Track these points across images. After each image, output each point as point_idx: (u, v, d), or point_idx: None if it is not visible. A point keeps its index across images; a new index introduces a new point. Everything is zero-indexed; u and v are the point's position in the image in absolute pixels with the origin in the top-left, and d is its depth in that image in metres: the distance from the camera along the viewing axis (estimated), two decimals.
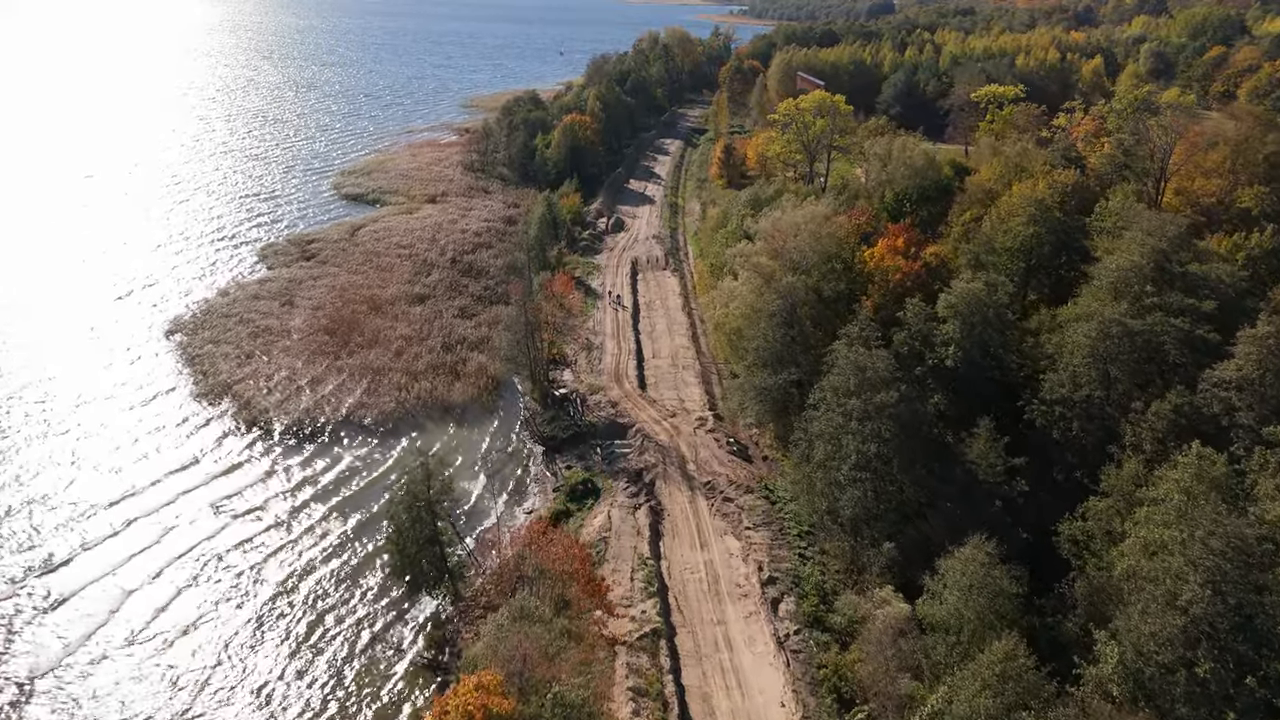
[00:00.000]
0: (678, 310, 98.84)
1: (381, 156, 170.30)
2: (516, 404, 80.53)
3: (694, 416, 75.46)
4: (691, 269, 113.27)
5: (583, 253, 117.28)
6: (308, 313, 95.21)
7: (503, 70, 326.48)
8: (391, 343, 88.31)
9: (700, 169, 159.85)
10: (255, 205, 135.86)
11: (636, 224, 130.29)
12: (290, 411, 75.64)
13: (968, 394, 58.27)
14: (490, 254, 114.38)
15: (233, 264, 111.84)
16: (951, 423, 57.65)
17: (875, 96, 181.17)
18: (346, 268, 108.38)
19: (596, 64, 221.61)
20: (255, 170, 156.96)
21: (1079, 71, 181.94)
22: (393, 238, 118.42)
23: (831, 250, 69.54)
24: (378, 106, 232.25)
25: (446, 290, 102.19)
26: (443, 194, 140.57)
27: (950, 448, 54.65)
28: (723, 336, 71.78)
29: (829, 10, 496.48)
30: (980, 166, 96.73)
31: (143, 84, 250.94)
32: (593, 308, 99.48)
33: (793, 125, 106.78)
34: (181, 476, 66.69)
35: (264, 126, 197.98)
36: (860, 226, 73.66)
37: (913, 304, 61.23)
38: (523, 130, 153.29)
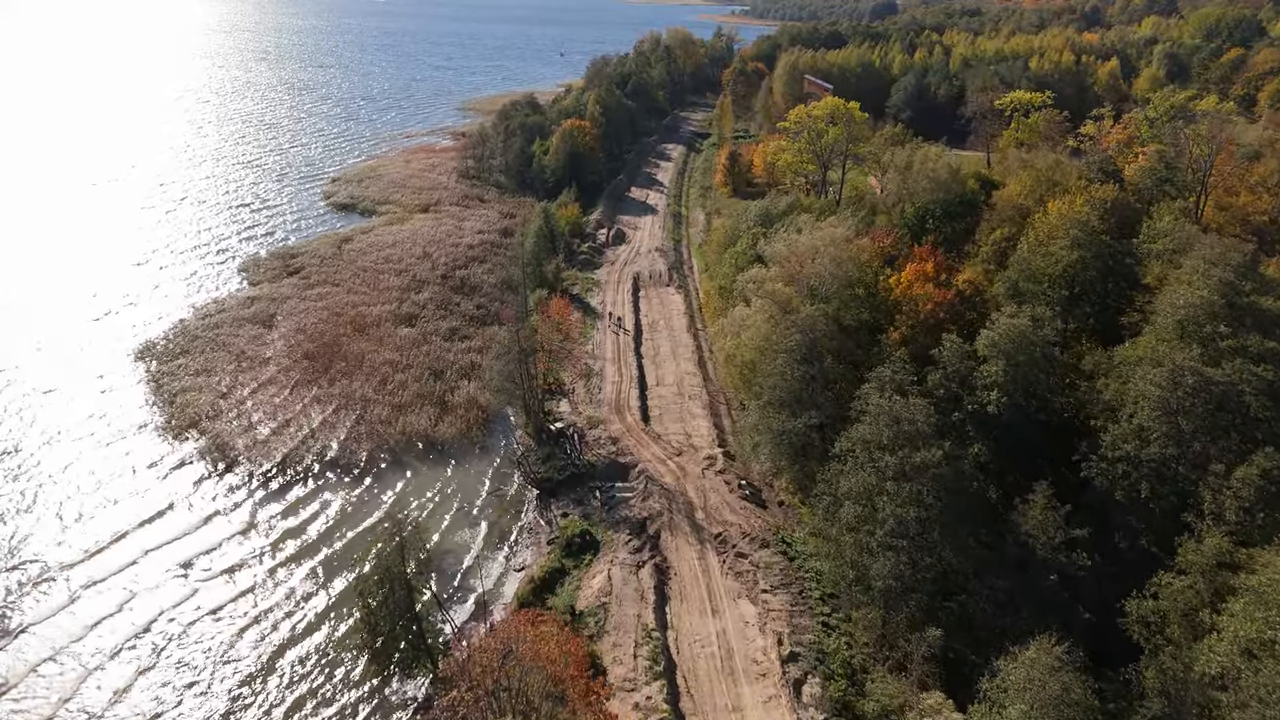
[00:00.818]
0: (682, 331, 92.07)
1: (375, 163, 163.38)
2: (508, 439, 73.73)
3: (702, 454, 68.69)
4: (696, 284, 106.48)
5: (582, 267, 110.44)
6: (288, 335, 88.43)
7: (502, 72, 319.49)
8: (376, 369, 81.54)
9: (704, 176, 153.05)
10: (243, 215, 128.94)
11: (638, 235, 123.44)
12: (264, 451, 68.76)
13: (1011, 443, 51.58)
14: (484, 269, 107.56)
15: (214, 280, 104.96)
16: (993, 475, 50.96)
17: (884, 100, 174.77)
18: (332, 284, 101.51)
19: (596, 66, 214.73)
20: (245, 178, 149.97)
21: (1094, 74, 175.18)
22: (382, 251, 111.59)
23: (853, 276, 62.78)
24: (374, 110, 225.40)
25: (436, 309, 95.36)
26: (436, 203, 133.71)
27: (998, 510, 47.93)
28: (734, 369, 65.13)
29: (832, 10, 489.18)
30: (1007, 179, 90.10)
31: (137, 87, 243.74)
32: (592, 329, 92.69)
33: (804, 133, 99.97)
34: (147, 530, 59.53)
35: (257, 131, 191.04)
36: (884, 250, 66.88)
37: (950, 341, 54.44)
38: (520, 136, 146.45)
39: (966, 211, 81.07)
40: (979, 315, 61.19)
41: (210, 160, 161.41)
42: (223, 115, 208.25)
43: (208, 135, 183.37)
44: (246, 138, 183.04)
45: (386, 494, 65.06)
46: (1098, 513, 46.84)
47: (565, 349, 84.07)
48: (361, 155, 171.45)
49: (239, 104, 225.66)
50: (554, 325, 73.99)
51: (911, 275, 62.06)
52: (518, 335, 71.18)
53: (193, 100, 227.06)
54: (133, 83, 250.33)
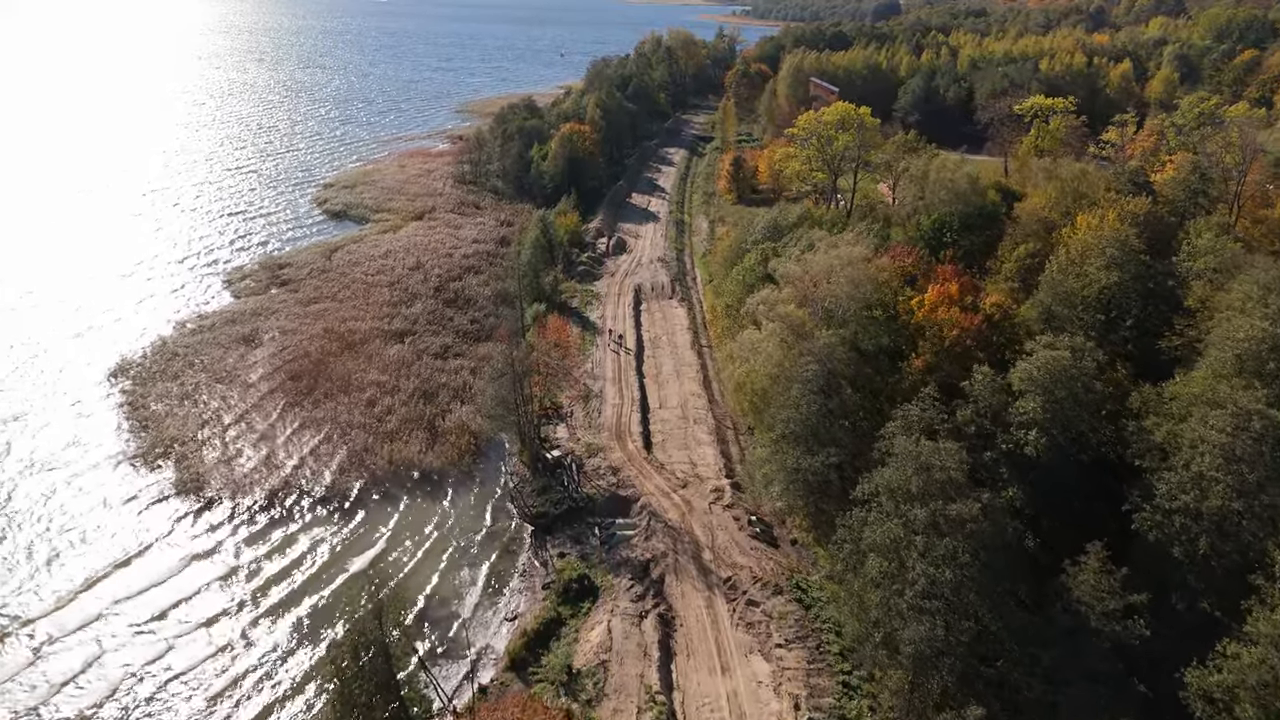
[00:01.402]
0: (686, 348, 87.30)
1: (369, 167, 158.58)
2: (502, 468, 68.95)
3: (708, 486, 63.93)
4: (700, 296, 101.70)
5: (581, 279, 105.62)
6: (271, 353, 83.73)
7: (502, 73, 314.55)
8: (364, 390, 76.80)
9: (707, 181, 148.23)
10: (232, 224, 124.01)
11: (639, 244, 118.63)
12: (243, 486, 63.95)
13: (1049, 487, 46.85)
14: (479, 280, 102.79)
15: (199, 292, 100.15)
16: (1028, 521, 46.19)
17: (891, 103, 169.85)
18: (320, 298, 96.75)
19: (597, 68, 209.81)
20: (237, 184, 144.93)
21: (1106, 76, 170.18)
22: (373, 262, 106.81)
23: (871, 297, 58.03)
24: (371, 112, 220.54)
25: (428, 324, 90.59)
26: (430, 210, 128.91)
27: (1038, 563, 43.19)
28: (743, 397, 60.40)
29: (834, 10, 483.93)
30: (1027, 188, 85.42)
31: (133, 89, 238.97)
32: (591, 345, 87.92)
33: (813, 140, 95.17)
34: (120, 576, 54.73)
35: (250, 134, 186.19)
36: (905, 269, 62.11)
37: (981, 373, 49.67)
38: (517, 140, 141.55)
39: (987, 224, 76.45)
40: (1008, 341, 56.50)
41: (203, 165, 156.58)
42: (218, 118, 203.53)
43: (202, 139, 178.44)
44: (241, 141, 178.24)
45: (373, 533, 60.26)
46: (1150, 567, 42.11)
47: (563, 369, 79.36)
48: (357, 159, 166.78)
49: (234, 106, 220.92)
50: (551, 347, 69.16)
51: (935, 297, 57.29)
52: (512, 358, 66.41)
53: (188, 102, 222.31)
54: (129, 85, 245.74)
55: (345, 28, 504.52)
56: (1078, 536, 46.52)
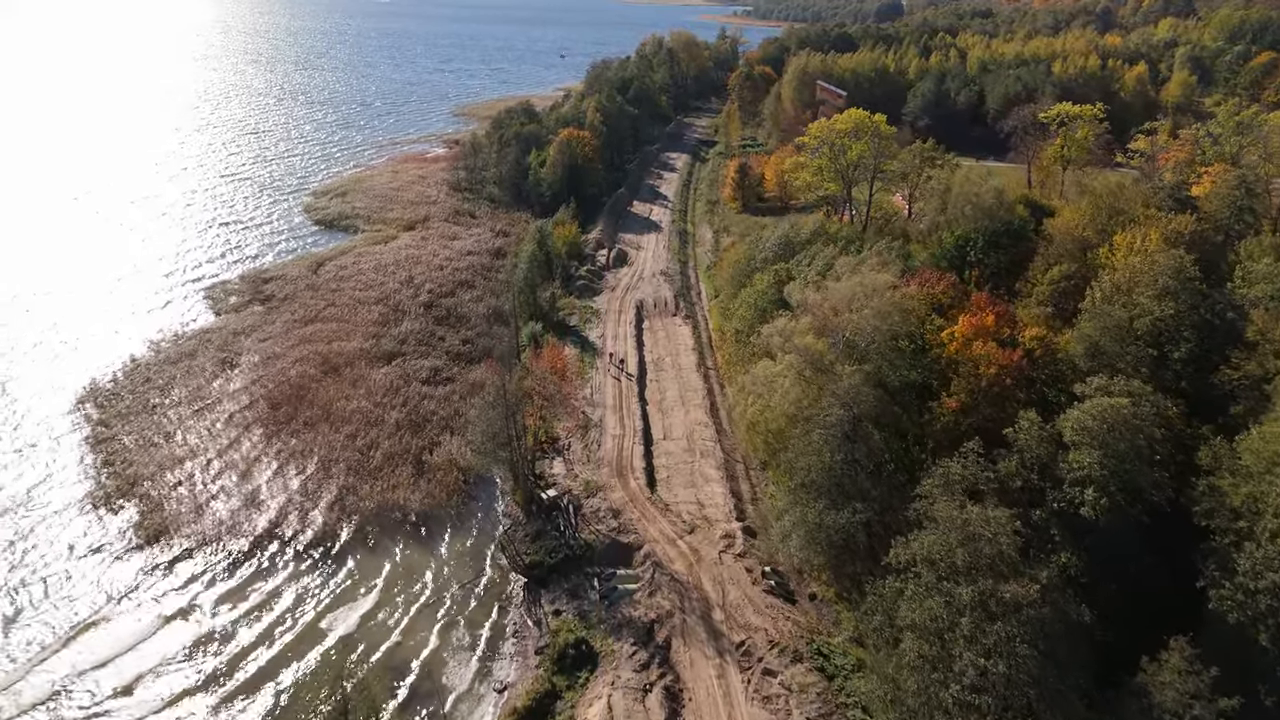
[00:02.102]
0: (691, 370, 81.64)
1: (362, 173, 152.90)
2: (493, 508, 63.34)
3: (718, 531, 58.27)
4: (705, 313, 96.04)
5: (580, 294, 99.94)
6: (250, 378, 78.17)
7: (501, 75, 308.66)
8: (347, 420, 71.18)
9: (711, 188, 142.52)
10: (219, 234, 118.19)
11: (641, 256, 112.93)
12: (214, 531, 58.30)
13: (1108, 553, 41.22)
14: (472, 296, 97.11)
15: (177, 309, 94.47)
16: (1083, 590, 40.57)
17: (900, 106, 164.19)
18: (304, 315, 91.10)
19: (597, 70, 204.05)
20: (226, 191, 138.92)
21: (1121, 79, 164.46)
22: (361, 276, 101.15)
23: (899, 328, 52.38)
24: (367, 115, 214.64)
25: (417, 345, 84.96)
26: (423, 219, 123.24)
27: (1101, 642, 37.57)
28: (757, 437, 54.80)
29: (836, 11, 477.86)
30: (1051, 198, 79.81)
31: (127, 92, 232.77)
32: (590, 368, 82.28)
33: (824, 149, 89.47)
34: (80, 644, 48.87)
35: (242, 138, 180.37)
36: (934, 296, 56.45)
37: (1027, 420, 44.04)
38: (514, 146, 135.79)
39: (1014, 242, 70.87)
40: (1051, 378, 50.86)
41: (194, 171, 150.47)
42: (211, 121, 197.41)
43: (194, 144, 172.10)
44: (233, 146, 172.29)
45: (357, 588, 54.53)
46: (1230, 653, 36.48)
47: (560, 396, 73.69)
48: (350, 164, 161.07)
49: (228, 109, 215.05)
50: (547, 375, 63.50)
51: (968, 329, 51.63)
52: (504, 389, 60.77)
53: (182, 105, 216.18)
54: (123, 87, 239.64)
55: (344, 28, 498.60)
56: (1139, 607, 41.05)
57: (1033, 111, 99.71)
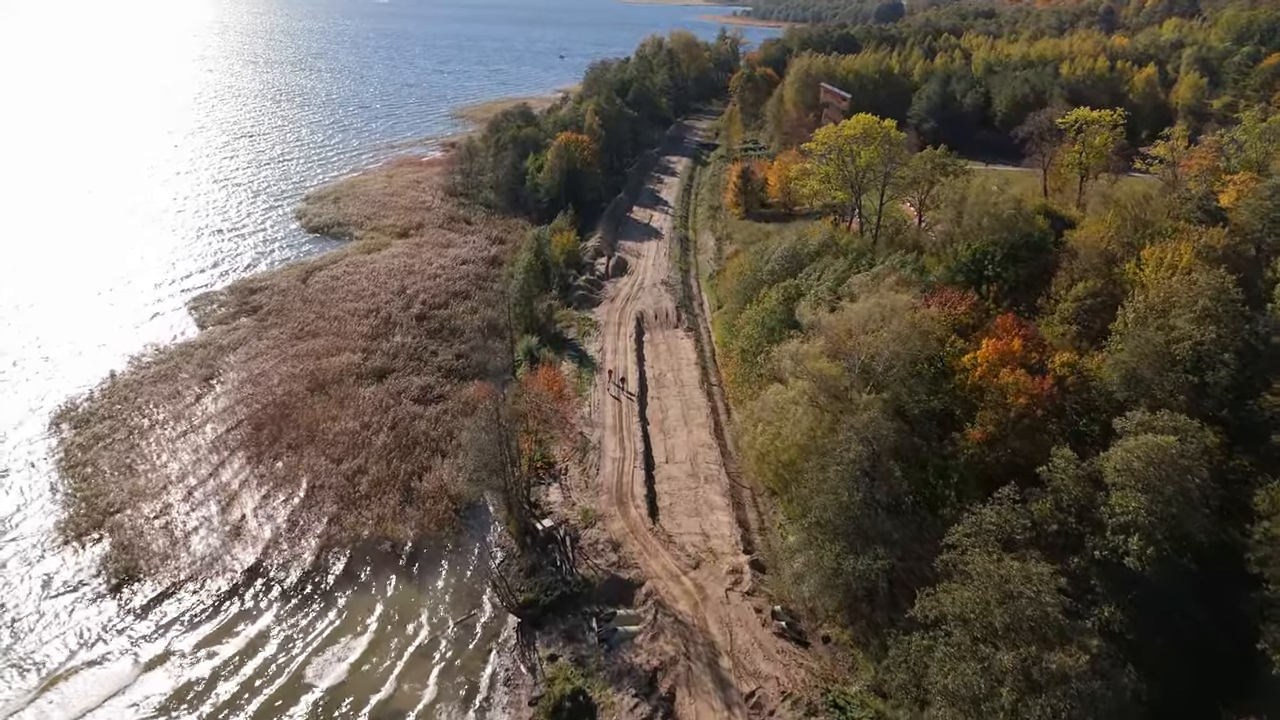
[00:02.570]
0: (694, 387, 77.94)
1: (356, 177, 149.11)
2: (486, 538, 59.60)
3: (724, 566, 54.55)
4: (708, 324, 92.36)
5: (578, 304, 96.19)
6: (232, 396, 74.50)
7: (500, 76, 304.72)
8: (333, 442, 67.46)
9: (712, 193, 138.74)
10: (208, 242, 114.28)
11: (641, 265, 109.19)
12: (193, 567, 54.48)
13: (1155, 607, 37.57)
14: (467, 307, 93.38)
15: (162, 321, 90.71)
16: (1128, 648, 36.93)
17: (905, 109, 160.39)
18: (291, 328, 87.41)
19: (596, 72, 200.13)
20: (218, 197, 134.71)
21: (1130, 81, 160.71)
22: (352, 285, 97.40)
23: (919, 352, 48.68)
24: (363, 118, 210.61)
25: (409, 360, 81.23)
26: (417, 226, 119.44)
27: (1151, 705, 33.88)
28: (766, 468, 51.11)
29: (836, 11, 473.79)
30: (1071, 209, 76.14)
31: (121, 94, 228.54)
32: (589, 384, 78.58)
33: (832, 156, 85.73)
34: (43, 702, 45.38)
35: (237, 142, 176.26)
36: (956, 318, 52.74)
37: (1062, 458, 40.36)
38: (511, 151, 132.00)
39: (1034, 255, 67.21)
40: (1083, 405, 47.20)
41: (186, 176, 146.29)
42: (205, 124, 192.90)
43: (187, 148, 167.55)
44: (227, 150, 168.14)
45: (343, 633, 50.81)
46: None
47: (556, 416, 69.91)
48: (345, 168, 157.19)
49: (223, 111, 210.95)
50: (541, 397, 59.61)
51: (993, 354, 47.93)
52: (497, 414, 57.06)
53: (176, 108, 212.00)
54: (118, 90, 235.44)
55: (342, 29, 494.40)
56: (1188, 664, 37.41)
57: (1049, 117, 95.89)
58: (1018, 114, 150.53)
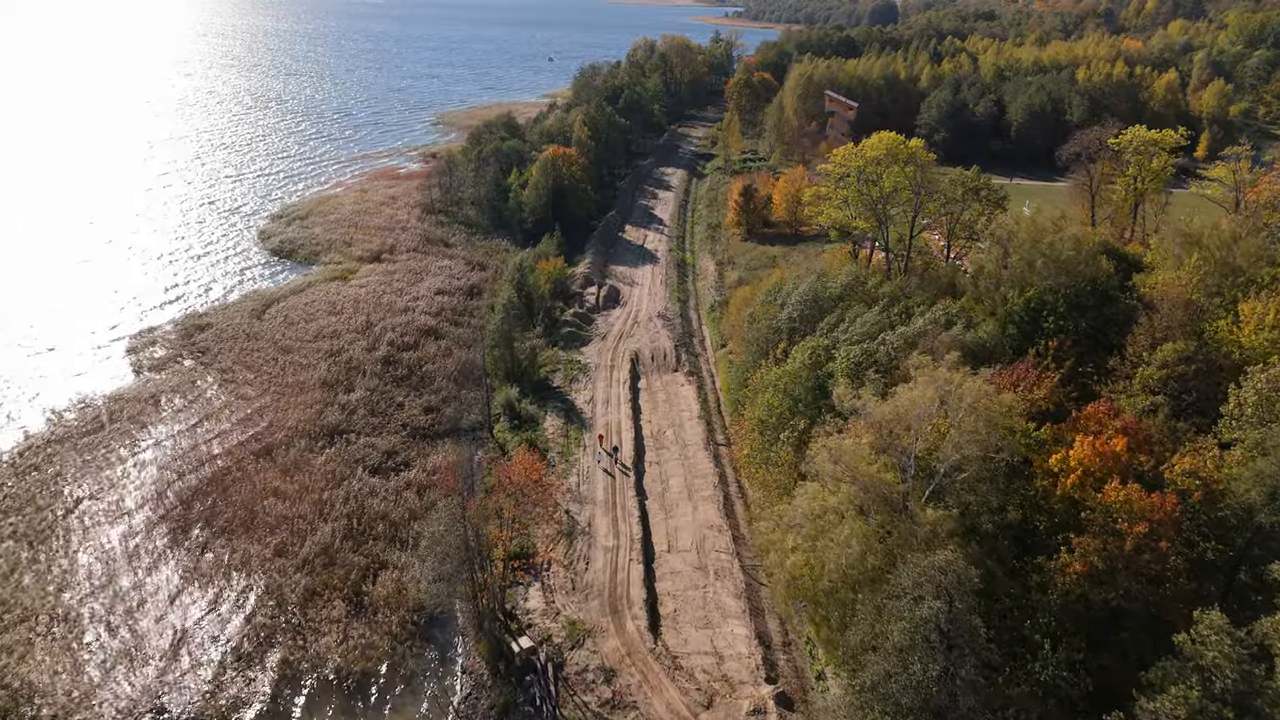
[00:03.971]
0: (698, 447, 67.06)
1: (328, 192, 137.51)
2: (451, 659, 48.51)
3: (744, 704, 43.53)
4: (711, 367, 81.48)
5: (566, 343, 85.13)
6: (161, 462, 63.25)
7: (488, 80, 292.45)
8: (275, 526, 56.28)
9: (710, 210, 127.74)
10: (160, 270, 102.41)
11: (635, 294, 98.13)
12: (80, 701, 43.54)
13: None
14: (440, 348, 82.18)
15: (93, 365, 79.13)
16: None
17: (913, 117, 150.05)
18: (238, 374, 76.15)
19: (585, 77, 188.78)
20: (179, 216, 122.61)
21: (1150, 88, 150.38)
22: (311, 322, 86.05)
23: (991, 448, 37.75)
24: (344, 125, 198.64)
25: (369, 416, 69.97)
26: (391, 250, 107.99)
27: None
28: (801, 596, 40.05)
29: (829, 12, 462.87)
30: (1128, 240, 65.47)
31: (94, 100, 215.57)
32: (576, 445, 67.56)
33: (851, 179, 74.73)
34: None
35: (209, 153, 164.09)
36: (1035, 402, 41.87)
37: (1209, 624, 29.56)
38: (493, 165, 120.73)
39: (1100, 304, 56.46)
40: (1212, 527, 36.37)
41: (152, 191, 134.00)
42: (176, 134, 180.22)
43: (154, 160, 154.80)
44: (196, 163, 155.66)
45: None
46: None
47: (537, 491, 58.75)
48: (319, 181, 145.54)
49: (197, 119, 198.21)
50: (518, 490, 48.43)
51: (1089, 457, 37.07)
52: (463, 509, 46.00)
53: (149, 115, 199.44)
54: (91, 96, 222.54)
55: (325, 30, 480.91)
56: None
57: (1099, 136, 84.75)
58: (1035, 124, 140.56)
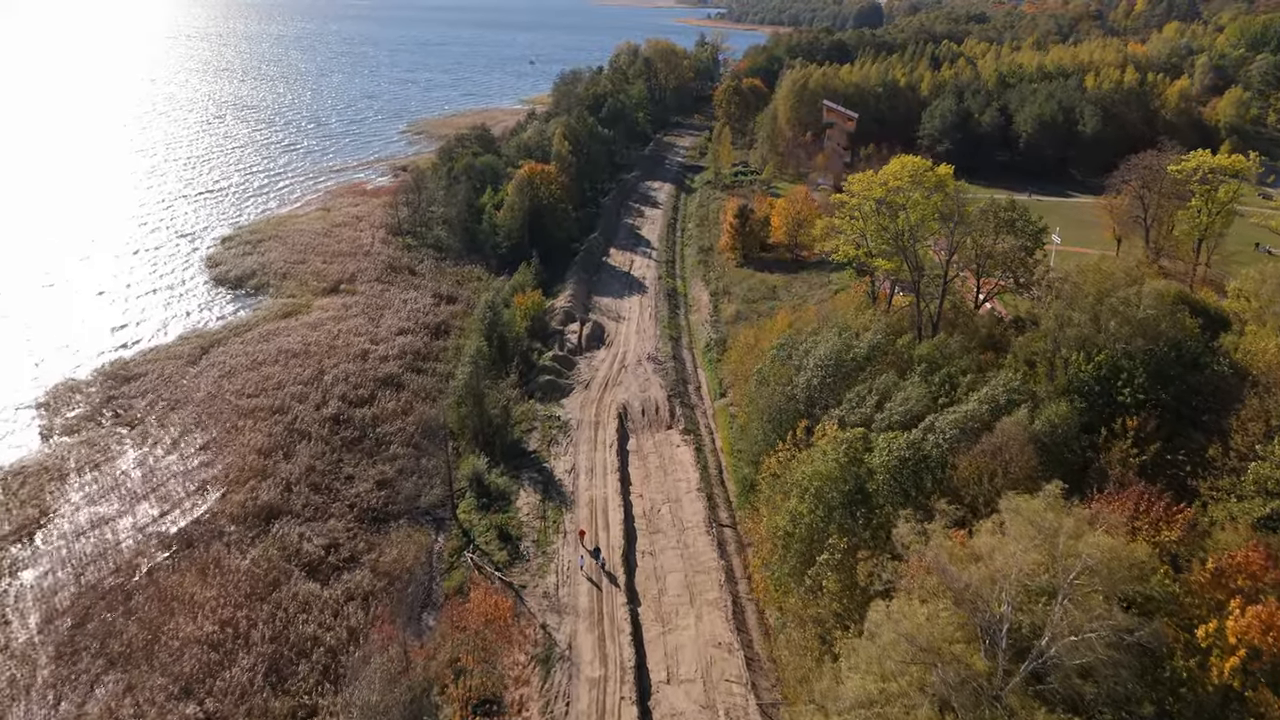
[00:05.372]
0: (699, 530, 56.06)
1: (289, 211, 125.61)
2: None
3: None
4: (710, 420, 70.70)
5: (544, 394, 74.01)
6: (55, 558, 51.85)
7: (467, 85, 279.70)
8: (178, 656, 44.97)
9: (701, 230, 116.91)
10: (91, 307, 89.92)
11: (622, 331, 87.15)
12: None
13: None
14: (399, 402, 70.89)
15: None
16: None
17: (914, 127, 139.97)
18: (163, 438, 64.67)
19: (565, 84, 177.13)
20: (128, 243, 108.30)
21: (1162, 95, 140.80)
22: (254, 370, 74.49)
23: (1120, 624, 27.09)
24: (312, 136, 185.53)
25: (312, 494, 58.56)
26: (350, 278, 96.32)
27: None
28: None
29: (813, 14, 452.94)
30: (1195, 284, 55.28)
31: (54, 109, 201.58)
32: (555, 532, 56.50)
33: (868, 208, 63.95)
34: None
35: (168, 166, 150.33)
36: (1163, 545, 31.29)
37: None
38: (465, 184, 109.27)
39: (1186, 371, 46.14)
40: None
41: (100, 216, 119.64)
42: (136, 146, 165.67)
43: (110, 178, 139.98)
44: (154, 176, 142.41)
45: None
46: None
47: (500, 625, 47.74)
48: (281, 198, 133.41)
49: (162, 129, 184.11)
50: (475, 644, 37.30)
51: (1256, 632, 26.51)
52: (406, 664, 35.00)
53: (112, 125, 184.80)
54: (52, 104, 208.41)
55: (299, 32, 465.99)
56: None
57: (1156, 161, 73.99)
58: (1045, 134, 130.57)
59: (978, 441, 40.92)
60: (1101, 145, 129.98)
